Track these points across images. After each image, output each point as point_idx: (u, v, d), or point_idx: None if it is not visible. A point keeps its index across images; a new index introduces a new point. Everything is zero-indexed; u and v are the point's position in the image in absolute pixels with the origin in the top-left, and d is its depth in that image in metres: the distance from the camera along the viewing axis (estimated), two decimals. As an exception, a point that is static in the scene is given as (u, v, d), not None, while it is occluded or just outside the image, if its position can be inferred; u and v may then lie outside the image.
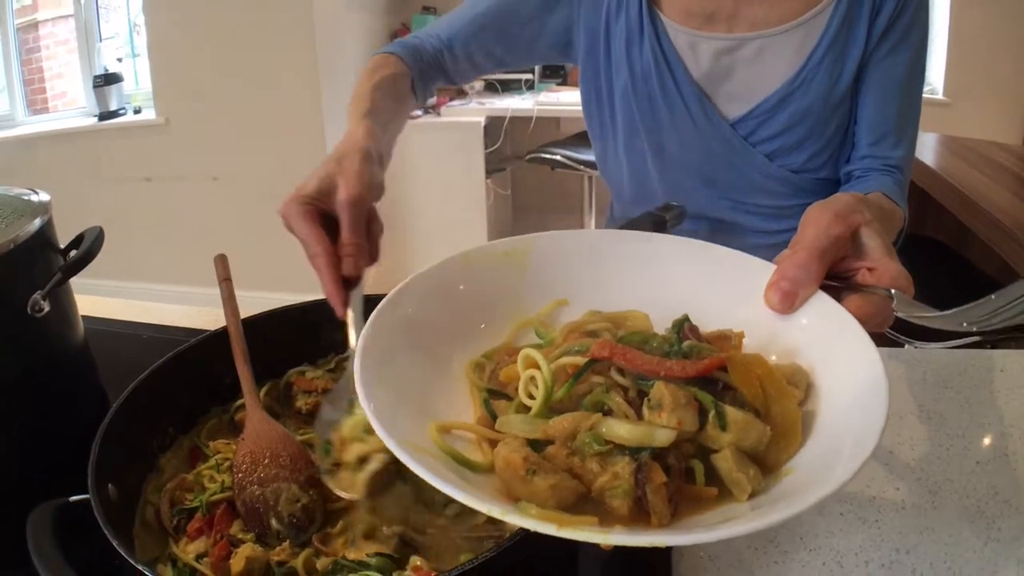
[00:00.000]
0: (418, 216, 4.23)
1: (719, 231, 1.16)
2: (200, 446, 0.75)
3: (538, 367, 0.53)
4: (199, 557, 0.62)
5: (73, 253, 0.92)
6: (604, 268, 0.67)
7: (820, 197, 1.00)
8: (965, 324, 0.56)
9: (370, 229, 0.78)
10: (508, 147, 4.66)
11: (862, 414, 0.48)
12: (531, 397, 0.53)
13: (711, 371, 0.50)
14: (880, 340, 1.82)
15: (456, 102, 4.29)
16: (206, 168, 4.15)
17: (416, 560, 0.59)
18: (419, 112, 4.14)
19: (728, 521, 0.45)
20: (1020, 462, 0.87)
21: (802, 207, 0.69)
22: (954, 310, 0.56)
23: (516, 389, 0.55)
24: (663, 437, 0.47)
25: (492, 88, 4.46)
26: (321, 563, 0.60)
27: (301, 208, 0.77)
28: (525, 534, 0.54)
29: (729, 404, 0.50)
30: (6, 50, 4.64)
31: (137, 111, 4.43)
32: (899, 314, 0.57)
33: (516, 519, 0.42)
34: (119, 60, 4.74)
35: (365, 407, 0.48)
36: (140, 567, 0.52)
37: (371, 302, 0.62)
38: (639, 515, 0.45)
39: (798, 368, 0.55)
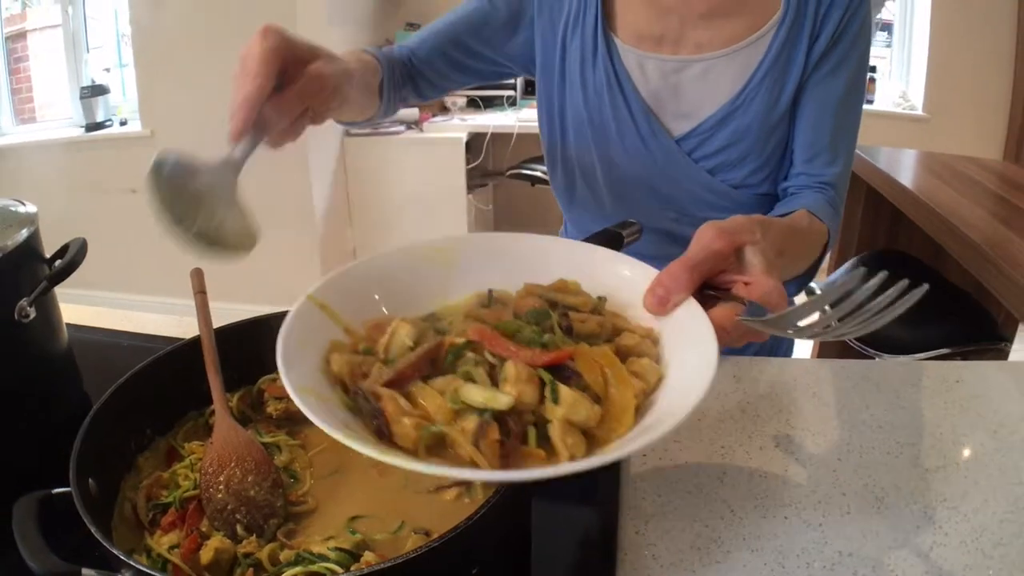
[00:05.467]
0: (400, 231, 4.27)
1: (663, 242, 1.21)
2: (176, 447, 0.79)
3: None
4: (171, 548, 0.66)
5: (58, 263, 0.97)
6: (527, 266, 0.75)
7: (760, 211, 1.06)
8: (794, 332, 0.63)
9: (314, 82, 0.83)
10: (490, 163, 4.72)
11: (679, 404, 0.56)
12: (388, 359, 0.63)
13: (557, 362, 0.59)
14: (851, 353, 1.88)
15: (438, 118, 4.34)
16: None
17: (369, 556, 0.64)
18: (402, 128, 4.19)
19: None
20: (970, 471, 0.90)
21: None
22: (773, 316, 0.64)
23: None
24: (503, 401, 0.56)
25: (474, 104, 4.51)
26: (284, 555, 0.64)
27: (272, 41, 0.79)
28: (469, 524, 0.59)
29: (575, 387, 0.58)
30: None
31: (123, 123, 4.45)
32: (739, 321, 0.64)
33: (373, 452, 0.51)
34: (107, 70, 4.75)
35: (280, 347, 0.59)
36: (115, 552, 0.56)
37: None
38: (474, 464, 0.55)
39: (649, 364, 0.63)
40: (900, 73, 5.01)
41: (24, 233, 0.90)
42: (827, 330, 0.62)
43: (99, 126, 4.41)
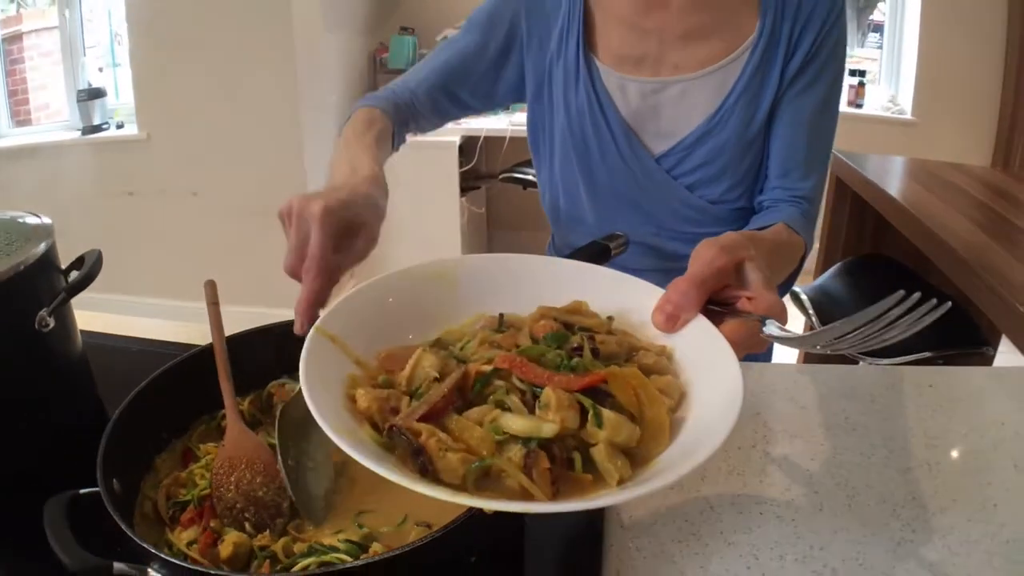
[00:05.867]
0: (393, 233, 4.25)
1: (645, 255, 1.27)
2: (192, 448, 0.85)
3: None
4: (190, 543, 0.71)
5: (74, 274, 1.02)
6: (526, 287, 0.79)
7: (736, 225, 1.12)
8: (819, 347, 0.66)
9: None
10: (483, 166, 4.75)
11: (716, 421, 0.59)
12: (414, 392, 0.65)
13: (592, 385, 0.61)
14: (835, 357, 1.92)
15: (432, 122, 4.38)
16: (187, 183, 4.20)
17: (377, 546, 0.69)
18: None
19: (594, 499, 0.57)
20: (940, 472, 0.93)
21: (719, 234, 0.79)
22: (808, 333, 0.66)
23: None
24: (548, 430, 0.58)
25: (468, 108, 4.57)
26: (298, 547, 0.70)
27: (324, 212, 0.79)
28: (467, 517, 0.64)
29: (610, 408, 0.60)
30: None
31: (120, 126, 4.48)
32: (765, 336, 0.67)
33: (426, 490, 0.53)
34: (99, 70, 4.77)
35: (312, 409, 0.57)
36: (145, 546, 0.61)
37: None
38: (527, 494, 0.56)
39: (672, 381, 0.66)
40: (889, 78, 5.05)
41: (42, 247, 0.94)
42: (844, 344, 0.65)
43: (96, 129, 4.43)
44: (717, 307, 0.72)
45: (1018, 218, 2.26)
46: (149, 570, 0.62)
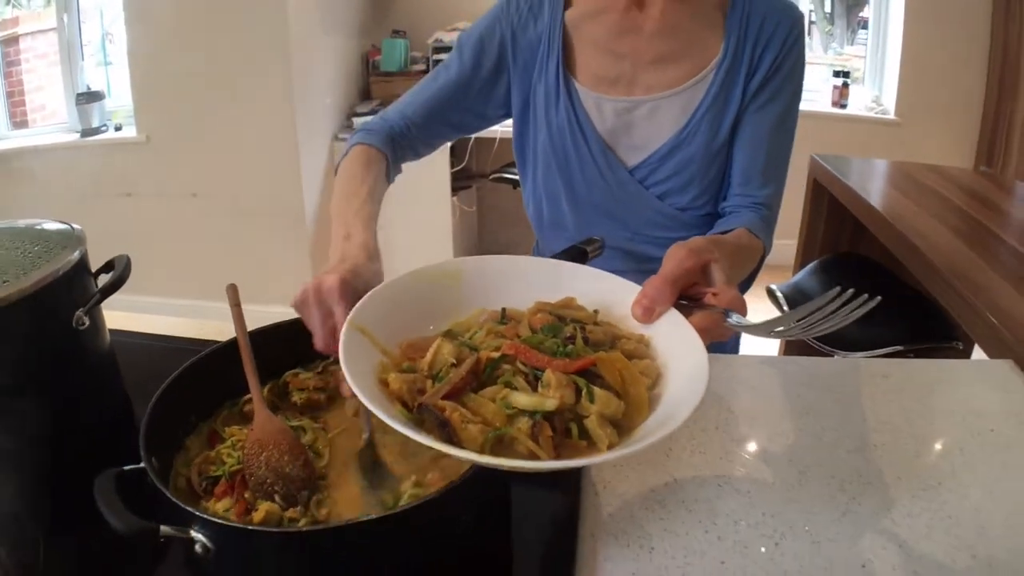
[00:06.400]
0: (387, 231, 4.33)
1: (620, 258, 1.37)
2: (217, 430, 0.95)
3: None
4: (224, 511, 0.82)
5: (103, 277, 1.12)
6: (519, 284, 0.90)
7: (702, 230, 1.23)
8: (770, 334, 0.78)
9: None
10: (473, 166, 4.84)
11: (687, 396, 0.70)
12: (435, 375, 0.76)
13: (585, 367, 0.73)
14: (811, 351, 2.02)
15: (425, 123, 4.47)
16: (185, 184, 4.26)
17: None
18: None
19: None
20: (885, 452, 1.02)
21: (688, 238, 0.91)
22: (761, 322, 0.79)
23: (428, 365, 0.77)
24: (550, 405, 0.69)
25: (459, 111, 4.66)
26: (321, 514, 0.81)
27: (340, 290, 0.89)
28: (460, 482, 0.75)
29: (599, 387, 0.72)
30: None
31: (118, 128, 4.54)
32: (727, 326, 0.79)
33: (457, 452, 0.63)
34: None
35: (352, 385, 0.68)
36: (189, 508, 0.71)
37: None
38: (534, 456, 0.67)
39: (650, 364, 0.78)
40: (873, 79, 5.11)
41: (77, 254, 1.05)
42: (791, 332, 0.78)
43: (95, 131, 4.49)
44: (686, 301, 0.84)
45: (990, 221, 2.33)
46: (191, 531, 0.72)
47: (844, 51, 5.46)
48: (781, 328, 0.78)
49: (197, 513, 0.71)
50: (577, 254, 1.08)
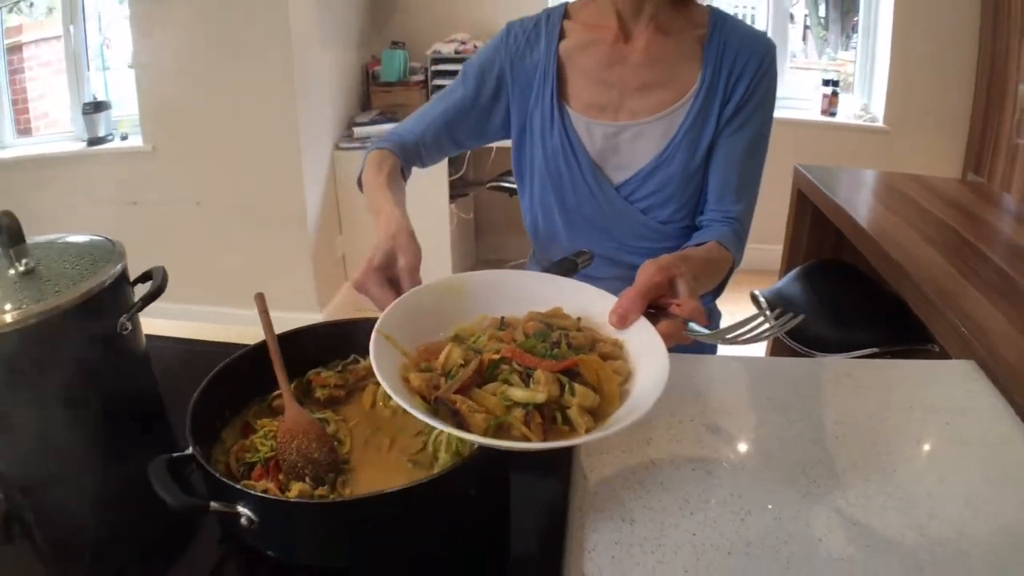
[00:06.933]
0: None
1: (608, 266, 1.48)
2: (250, 423, 1.06)
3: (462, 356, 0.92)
4: (263, 491, 0.93)
5: (139, 286, 1.24)
6: (513, 295, 1.04)
7: (681, 241, 1.37)
8: (722, 340, 0.94)
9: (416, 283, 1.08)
10: (471, 174, 4.93)
11: (651, 391, 0.84)
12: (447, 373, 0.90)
13: (568, 368, 0.87)
14: (791, 353, 2.12)
15: (424, 133, 4.56)
16: (190, 192, 4.33)
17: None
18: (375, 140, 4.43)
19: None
20: (847, 442, 1.12)
21: (669, 249, 1.12)
22: (714, 331, 0.94)
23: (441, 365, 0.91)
24: (540, 398, 0.83)
25: (457, 121, 4.76)
26: (345, 493, 0.93)
27: (376, 278, 1.05)
28: (462, 463, 0.89)
29: (579, 383, 0.86)
30: None
31: (124, 137, 4.62)
32: (686, 332, 0.93)
33: (466, 436, 0.78)
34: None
35: (383, 383, 0.82)
36: (236, 486, 0.84)
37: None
38: (527, 438, 0.81)
39: (622, 364, 0.92)
40: (862, 87, 5.16)
41: (119, 267, 1.17)
42: (737, 339, 0.95)
43: (101, 140, 4.58)
44: (655, 310, 0.97)
45: (965, 229, 2.38)
46: (238, 506, 0.84)
47: (838, 56, 5.52)
48: (729, 336, 0.95)
49: (246, 490, 0.83)
50: (569, 266, 1.21)
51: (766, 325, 0.95)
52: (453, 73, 4.63)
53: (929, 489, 1.03)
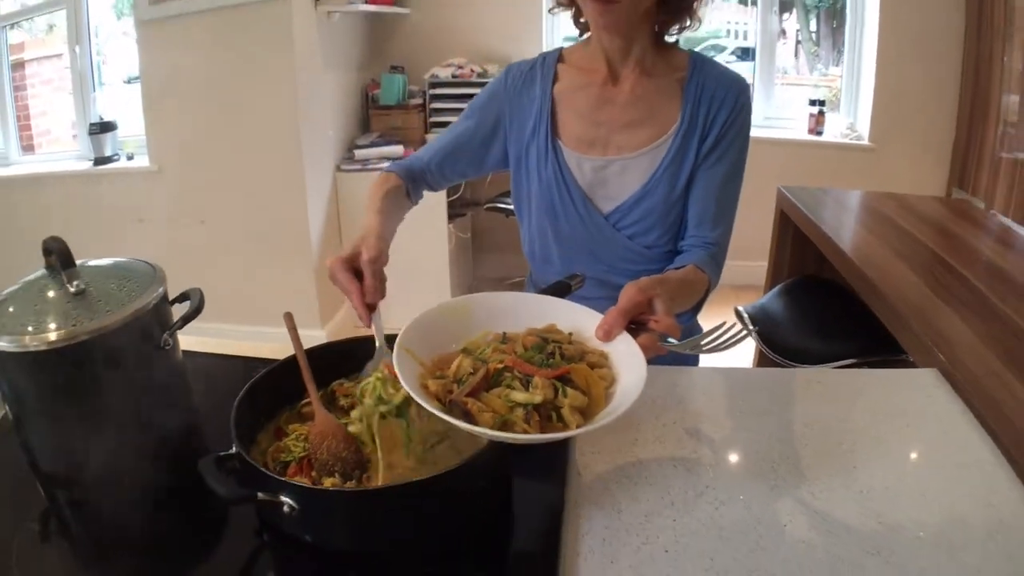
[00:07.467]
0: (390, 255, 4.51)
1: (599, 287, 1.60)
2: (282, 427, 1.20)
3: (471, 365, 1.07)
4: (298, 486, 1.07)
5: (176, 306, 1.37)
6: (513, 313, 1.19)
7: (664, 264, 1.54)
8: (687, 350, 1.10)
9: (380, 278, 1.25)
10: (468, 195, 5.04)
11: (631, 393, 0.99)
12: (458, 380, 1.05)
13: (561, 375, 1.02)
14: (771, 364, 2.27)
15: (422, 155, 4.67)
16: (195, 212, 4.42)
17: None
18: (388, 164, 4.52)
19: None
20: (811, 442, 1.24)
21: (653, 271, 1.31)
22: (683, 342, 1.11)
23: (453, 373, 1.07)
24: (537, 399, 0.98)
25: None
26: (370, 487, 1.07)
27: (341, 265, 1.23)
28: (473, 459, 1.03)
29: (571, 388, 1.01)
30: (0, 91, 4.87)
31: (130, 157, 4.70)
32: (661, 345, 1.08)
33: (476, 430, 0.93)
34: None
35: (405, 387, 0.98)
36: (280, 478, 0.97)
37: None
38: (527, 433, 0.96)
39: (607, 372, 1.07)
40: (848, 106, 5.25)
41: (162, 289, 1.31)
42: (700, 349, 1.12)
43: (107, 160, 4.67)
44: (635, 326, 1.12)
45: (938, 246, 2.50)
46: (281, 496, 0.98)
47: (829, 72, 5.61)
48: (693, 346, 1.13)
49: (290, 482, 0.97)
50: (562, 287, 1.36)
51: (723, 337, 1.13)
52: (450, 96, 4.77)
53: (888, 483, 1.14)
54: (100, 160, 4.69)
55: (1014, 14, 4.10)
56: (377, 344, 1.22)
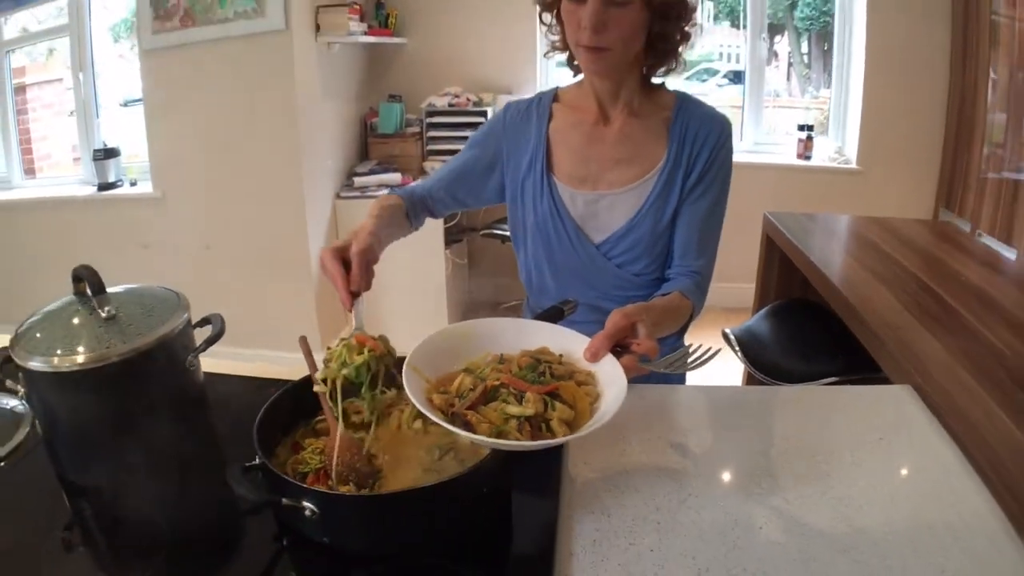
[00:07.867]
0: (385, 282, 4.46)
1: (591, 312, 1.69)
2: (299, 441, 1.29)
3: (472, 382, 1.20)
4: (316, 494, 1.17)
5: (199, 330, 1.48)
6: (510, 337, 1.31)
7: (651, 291, 1.65)
8: (662, 369, 1.22)
9: (368, 270, 1.33)
10: (464, 221, 5.09)
11: (612, 407, 1.11)
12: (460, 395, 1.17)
13: (551, 391, 1.14)
14: (755, 383, 2.39)
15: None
16: (199, 237, 4.48)
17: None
18: (386, 191, 4.58)
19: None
20: (787, 453, 1.33)
21: (642, 297, 1.43)
22: (657, 360, 1.23)
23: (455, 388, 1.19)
24: (529, 412, 1.10)
25: (451, 169, 4.95)
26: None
27: (331, 255, 1.31)
28: (475, 467, 1.12)
29: (560, 402, 1.12)
30: (3, 115, 4.95)
31: (133, 183, 4.77)
32: (640, 365, 1.20)
33: (475, 438, 1.06)
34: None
35: (414, 402, 1.10)
36: (302, 485, 1.07)
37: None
38: (519, 440, 1.07)
39: (592, 389, 1.19)
40: (836, 130, 5.33)
41: (185, 315, 1.41)
42: (675, 368, 1.25)
43: (111, 185, 4.75)
44: (620, 348, 1.24)
45: (920, 270, 2.58)
46: (303, 501, 1.08)
47: (820, 94, 5.67)
48: (666, 367, 1.27)
49: (312, 488, 1.07)
50: (556, 313, 1.46)
51: (693, 356, 1.29)
52: (447, 125, 4.86)
53: (859, 490, 1.23)
54: (104, 186, 4.78)
55: (999, 36, 4.17)
56: (354, 326, 1.32)
